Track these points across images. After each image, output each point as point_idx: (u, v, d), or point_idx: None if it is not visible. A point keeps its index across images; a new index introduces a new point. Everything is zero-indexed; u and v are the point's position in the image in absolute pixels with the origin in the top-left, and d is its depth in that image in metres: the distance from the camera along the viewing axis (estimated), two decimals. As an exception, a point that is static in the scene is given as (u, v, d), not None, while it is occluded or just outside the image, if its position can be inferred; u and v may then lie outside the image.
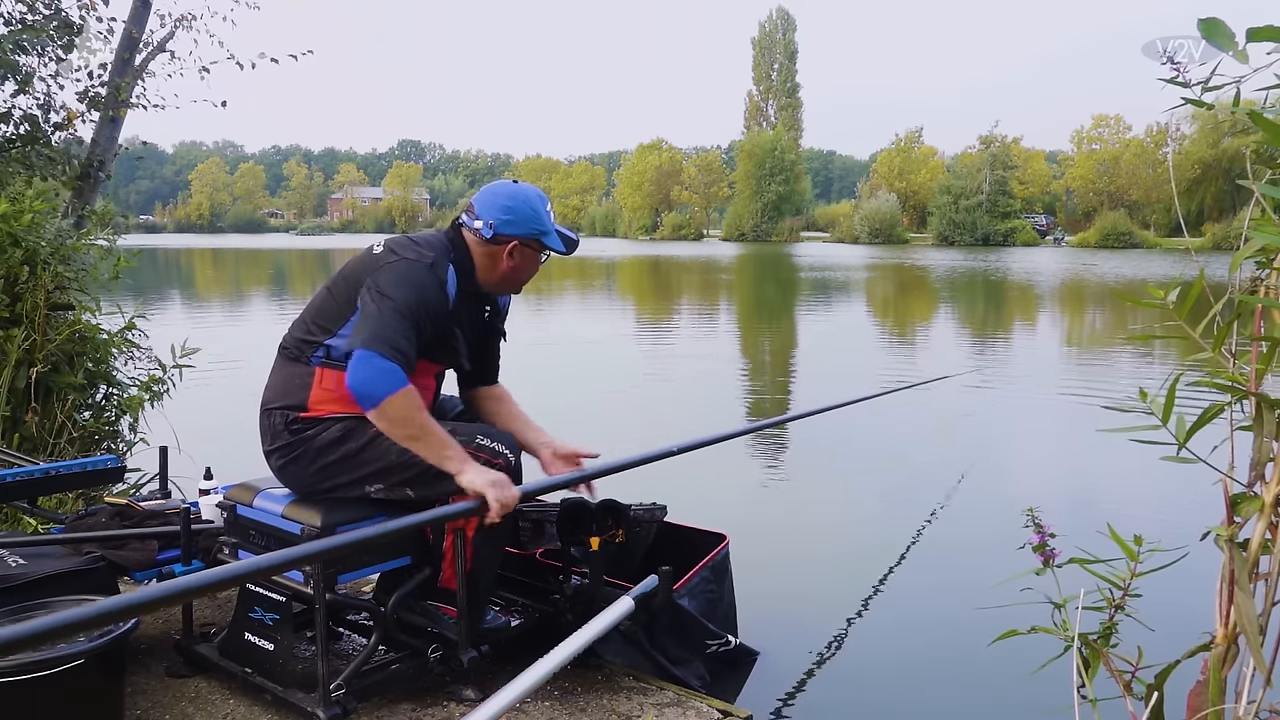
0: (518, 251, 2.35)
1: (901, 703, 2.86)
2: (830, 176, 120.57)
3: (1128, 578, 1.35)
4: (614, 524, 2.59)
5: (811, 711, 2.76)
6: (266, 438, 2.33)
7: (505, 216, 2.32)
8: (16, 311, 3.99)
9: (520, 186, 2.39)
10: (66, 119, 5.40)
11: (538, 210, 2.36)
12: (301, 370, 2.29)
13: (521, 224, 2.33)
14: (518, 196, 2.35)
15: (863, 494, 5.22)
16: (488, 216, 2.33)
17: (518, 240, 2.34)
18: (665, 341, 12.19)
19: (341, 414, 2.24)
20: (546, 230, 2.37)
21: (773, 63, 70.22)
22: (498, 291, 2.48)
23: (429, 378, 2.39)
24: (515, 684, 1.82)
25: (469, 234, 2.36)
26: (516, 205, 2.34)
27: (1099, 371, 9.53)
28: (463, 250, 2.35)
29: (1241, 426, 1.21)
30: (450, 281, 2.28)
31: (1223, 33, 1.09)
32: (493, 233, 2.32)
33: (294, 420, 2.26)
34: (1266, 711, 1.18)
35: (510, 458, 2.29)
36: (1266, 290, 1.20)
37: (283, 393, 2.30)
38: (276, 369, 2.35)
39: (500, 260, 2.36)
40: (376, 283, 2.20)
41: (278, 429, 2.28)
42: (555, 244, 2.39)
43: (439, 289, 2.25)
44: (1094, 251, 45.00)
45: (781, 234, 62.60)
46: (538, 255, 2.41)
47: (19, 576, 2.31)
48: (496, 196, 2.36)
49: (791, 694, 2.83)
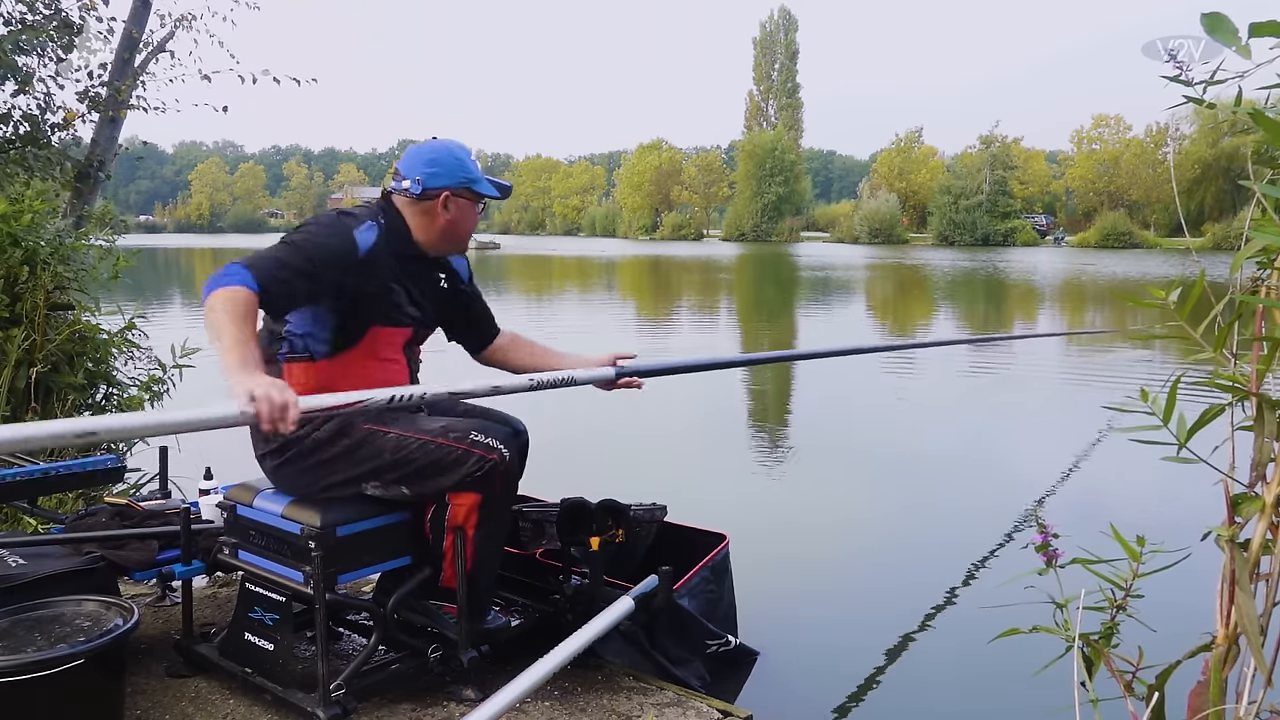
0: (451, 203, 2.33)
1: (902, 702, 2.85)
2: (830, 176, 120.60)
3: (1129, 578, 1.34)
4: (614, 524, 2.59)
5: (811, 711, 2.75)
6: (258, 444, 2.32)
7: (430, 169, 2.32)
8: (16, 311, 3.99)
9: (441, 140, 2.40)
10: (65, 119, 5.40)
11: (462, 159, 2.35)
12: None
13: (448, 174, 2.32)
14: (439, 149, 2.36)
15: (863, 494, 5.22)
16: (413, 174, 2.32)
17: (448, 190, 2.32)
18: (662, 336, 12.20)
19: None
20: (475, 178, 2.36)
21: (773, 62, 70.26)
22: (442, 251, 2.43)
23: (395, 351, 2.35)
24: (515, 684, 1.82)
25: (399, 198, 2.35)
26: (439, 157, 2.34)
27: (1100, 371, 9.52)
28: (394, 214, 2.34)
29: (1242, 427, 1.21)
30: (364, 231, 2.24)
31: (1226, 28, 1.09)
32: (421, 188, 2.31)
33: None
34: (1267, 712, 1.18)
35: (505, 453, 2.26)
36: (1267, 290, 1.19)
37: None
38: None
39: (436, 215, 2.34)
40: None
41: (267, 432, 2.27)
42: (487, 189, 2.38)
43: (344, 234, 2.21)
44: (1094, 251, 45.01)
45: (781, 234, 62.60)
46: (473, 205, 2.39)
47: (19, 576, 2.32)
48: (419, 153, 2.36)
49: (791, 694, 2.83)
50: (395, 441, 2.24)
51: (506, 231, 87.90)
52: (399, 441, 2.24)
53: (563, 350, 2.66)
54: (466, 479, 2.22)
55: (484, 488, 2.24)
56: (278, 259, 2.08)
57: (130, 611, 2.14)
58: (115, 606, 2.19)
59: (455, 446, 2.23)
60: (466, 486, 2.23)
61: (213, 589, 3.17)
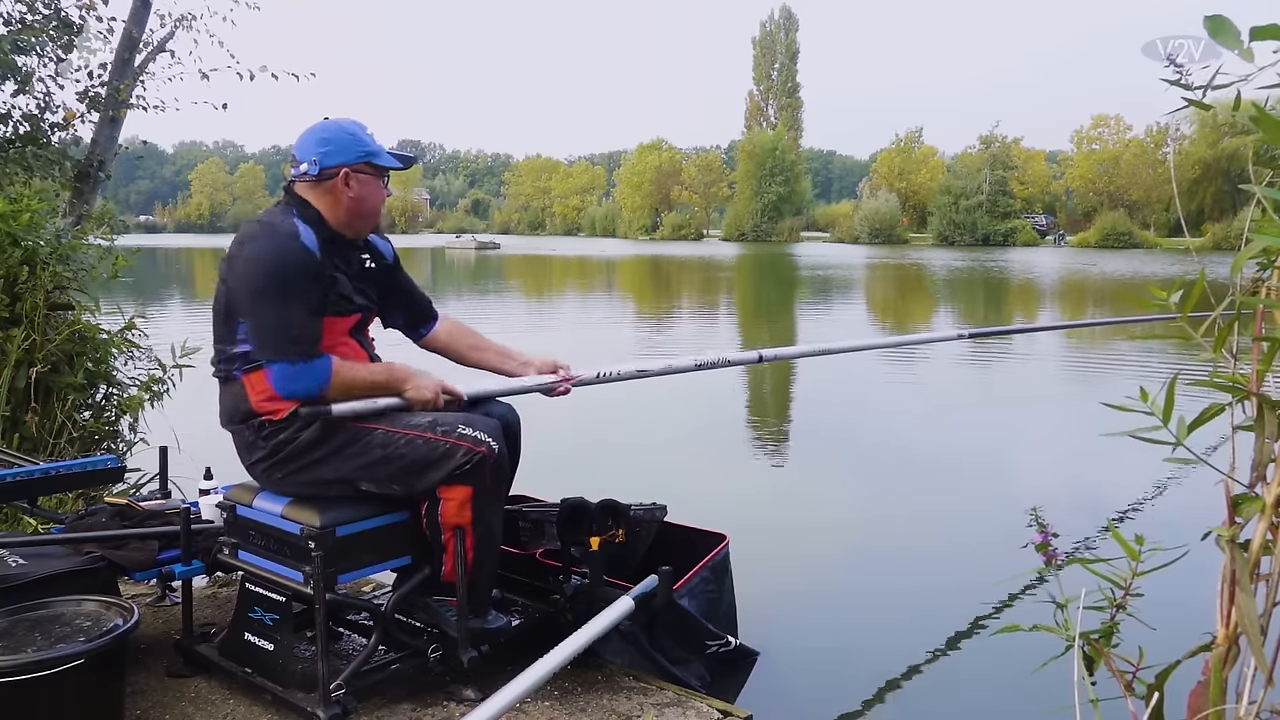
0: (352, 179, 2.29)
1: (902, 702, 2.85)
2: (830, 176, 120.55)
3: (1129, 577, 1.34)
4: (614, 524, 2.59)
5: (811, 711, 2.75)
6: (243, 453, 2.32)
7: (325, 149, 2.28)
8: (16, 311, 3.99)
9: (333, 119, 2.35)
10: (65, 119, 5.40)
11: (355, 134, 2.31)
12: (234, 387, 2.27)
13: (342, 150, 2.28)
14: (329, 127, 2.32)
15: (863, 493, 5.22)
16: (308, 156, 2.28)
17: (346, 168, 2.28)
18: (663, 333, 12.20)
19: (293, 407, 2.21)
20: (373, 150, 2.32)
21: (774, 62, 70.22)
22: (356, 230, 2.38)
23: (343, 336, 2.34)
24: (515, 684, 1.82)
25: (301, 185, 2.31)
26: (331, 135, 2.30)
27: (1100, 371, 9.53)
28: (303, 204, 2.30)
29: (1243, 427, 1.21)
30: (304, 233, 2.22)
31: (1228, 31, 1.08)
32: (319, 169, 2.27)
33: (261, 427, 2.24)
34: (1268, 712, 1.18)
35: (493, 445, 2.25)
36: (1268, 291, 1.19)
37: (233, 410, 2.28)
38: (220, 391, 2.34)
39: (339, 194, 2.29)
40: (239, 283, 2.19)
41: (250, 441, 2.27)
42: (388, 160, 2.35)
43: (297, 248, 2.19)
44: (1094, 251, 45.01)
45: (781, 234, 62.59)
46: (376, 179, 2.34)
47: (19, 576, 2.32)
48: (311, 134, 2.32)
49: (791, 694, 2.83)
50: (383, 438, 2.23)
51: (506, 231, 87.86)
52: (386, 438, 2.23)
53: (503, 345, 2.65)
54: (456, 472, 2.22)
55: (474, 480, 2.23)
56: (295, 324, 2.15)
57: (130, 611, 2.14)
58: (115, 606, 2.19)
59: (443, 440, 2.23)
60: (456, 480, 2.22)
61: (213, 589, 3.17)
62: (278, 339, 2.15)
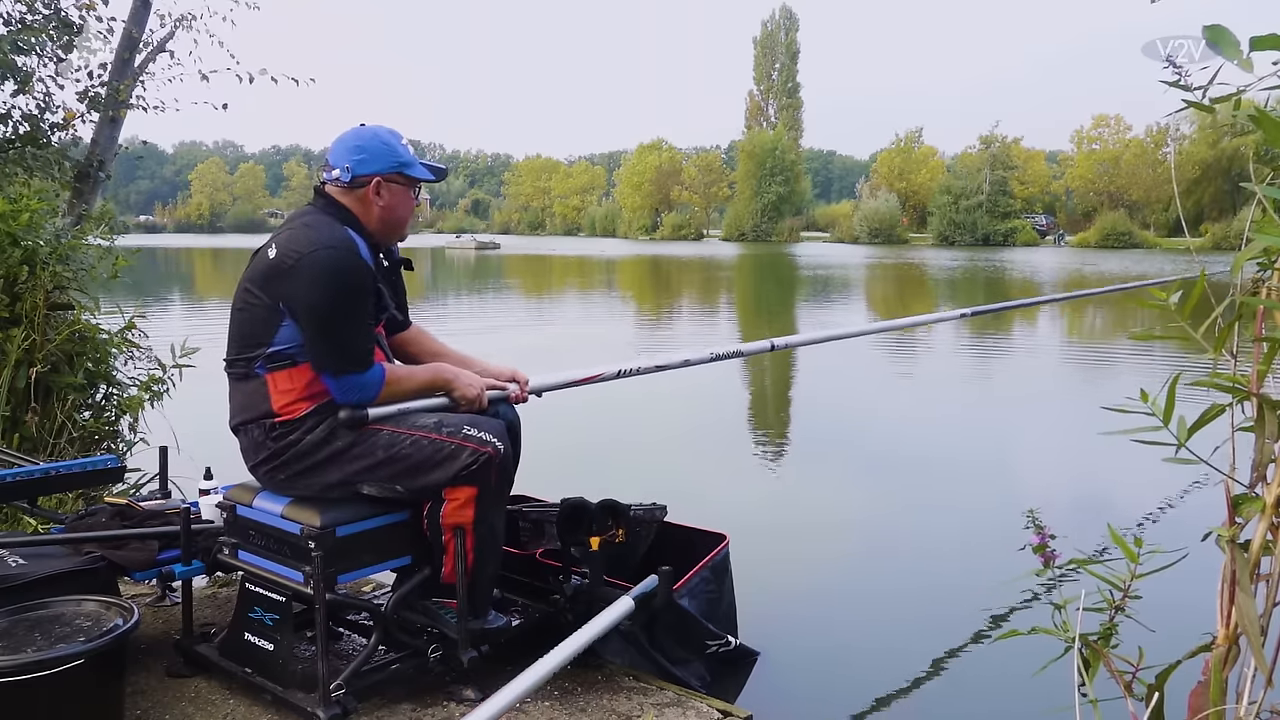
0: (383, 189, 2.29)
1: (902, 703, 2.85)
2: (830, 176, 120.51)
3: (1128, 579, 1.34)
4: (614, 524, 2.59)
5: (811, 711, 2.75)
6: (249, 453, 2.31)
7: (359, 156, 2.28)
8: (16, 311, 3.99)
9: (368, 126, 2.35)
10: (65, 119, 5.39)
11: (390, 143, 2.31)
12: (255, 383, 2.25)
13: (376, 159, 2.28)
14: (364, 135, 2.31)
15: (863, 494, 5.22)
16: (342, 163, 2.28)
17: (379, 176, 2.28)
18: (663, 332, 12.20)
19: (311, 407, 2.22)
20: (407, 161, 2.32)
21: (774, 62, 70.19)
22: (384, 239, 2.37)
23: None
24: (515, 684, 1.82)
25: (333, 190, 2.30)
26: (366, 144, 2.29)
27: (1100, 371, 9.53)
28: (342, 210, 2.29)
29: (1243, 427, 1.21)
30: (362, 247, 2.24)
31: (1228, 40, 1.08)
32: (351, 176, 2.27)
33: (273, 428, 2.24)
34: (1268, 712, 1.18)
35: (498, 445, 2.26)
36: (1268, 292, 1.19)
37: (248, 408, 2.27)
38: (232, 389, 2.32)
39: (370, 204, 2.29)
40: (307, 294, 2.15)
41: (258, 441, 2.26)
42: (421, 173, 2.34)
43: (362, 265, 2.21)
44: (1094, 251, 45.00)
45: (781, 234, 62.57)
46: (408, 190, 2.34)
47: (19, 576, 2.32)
48: (345, 141, 2.31)
49: (791, 694, 2.83)
50: (388, 439, 2.23)
51: (507, 231, 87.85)
52: (392, 439, 2.23)
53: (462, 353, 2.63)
54: (462, 473, 2.22)
55: (479, 481, 2.24)
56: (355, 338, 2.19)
57: (130, 611, 2.14)
58: (115, 606, 2.19)
59: (449, 441, 2.23)
60: (462, 480, 2.23)
61: (213, 589, 3.17)
62: (345, 354, 2.17)
